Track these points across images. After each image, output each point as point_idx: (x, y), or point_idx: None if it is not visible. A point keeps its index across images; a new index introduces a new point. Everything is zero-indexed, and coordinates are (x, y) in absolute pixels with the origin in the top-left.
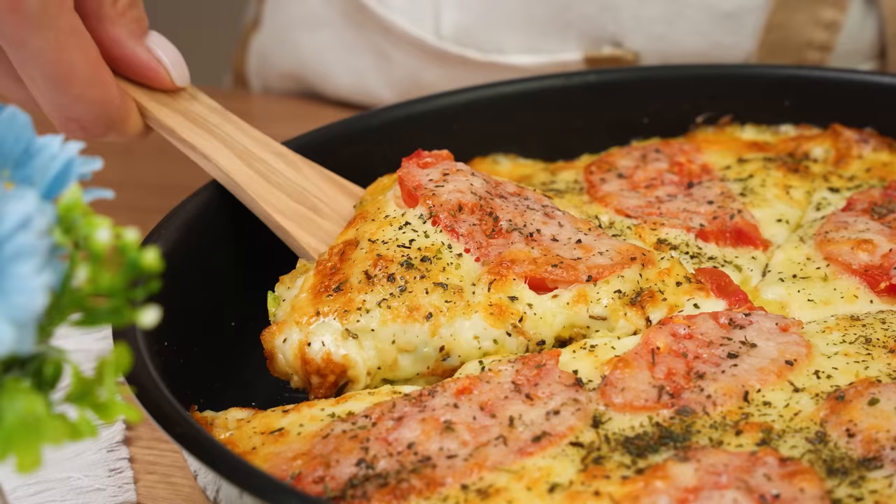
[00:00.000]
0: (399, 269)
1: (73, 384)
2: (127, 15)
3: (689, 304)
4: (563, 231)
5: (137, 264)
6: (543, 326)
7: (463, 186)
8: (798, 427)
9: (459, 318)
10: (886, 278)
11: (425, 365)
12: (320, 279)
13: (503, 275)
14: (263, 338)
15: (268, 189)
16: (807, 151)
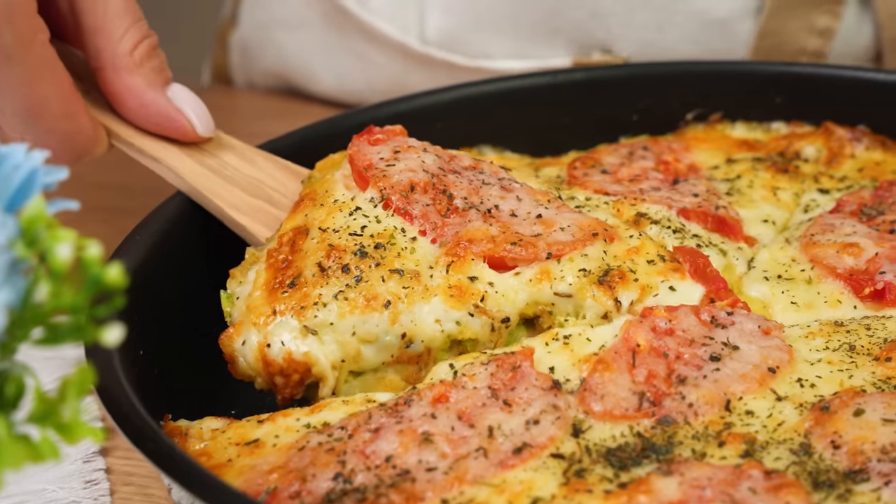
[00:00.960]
0: (353, 259)
1: (35, 404)
2: (145, 65)
3: (664, 286)
4: (522, 205)
5: (100, 280)
6: (506, 304)
7: (414, 164)
8: (782, 438)
9: (419, 304)
10: (871, 284)
11: (389, 353)
12: (273, 273)
13: (461, 256)
14: (222, 342)
15: (221, 185)
16: (798, 150)
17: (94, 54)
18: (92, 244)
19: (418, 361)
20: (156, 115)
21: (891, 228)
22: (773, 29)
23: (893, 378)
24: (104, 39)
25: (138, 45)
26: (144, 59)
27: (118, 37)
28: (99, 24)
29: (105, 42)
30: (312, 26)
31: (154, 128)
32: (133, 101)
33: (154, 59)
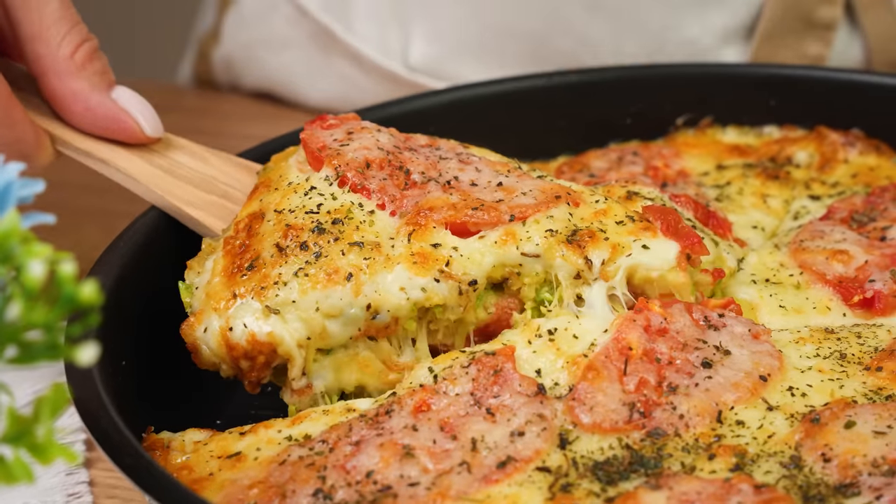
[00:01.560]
0: (311, 236)
1: (8, 424)
2: (88, 68)
3: (637, 245)
4: (482, 175)
5: (74, 298)
6: (472, 266)
7: (369, 143)
8: (772, 451)
9: (382, 273)
10: (860, 291)
11: (356, 327)
12: (231, 259)
13: (422, 224)
14: (183, 332)
15: (173, 183)
16: (790, 156)
17: (35, 61)
18: (66, 262)
19: (387, 333)
20: (102, 117)
21: (881, 236)
22: (764, 57)
23: (885, 388)
24: (43, 46)
25: (78, 49)
26: (86, 62)
27: (57, 42)
28: (36, 31)
29: (44, 48)
30: (297, 47)
31: (101, 131)
32: (78, 105)
33: (96, 63)
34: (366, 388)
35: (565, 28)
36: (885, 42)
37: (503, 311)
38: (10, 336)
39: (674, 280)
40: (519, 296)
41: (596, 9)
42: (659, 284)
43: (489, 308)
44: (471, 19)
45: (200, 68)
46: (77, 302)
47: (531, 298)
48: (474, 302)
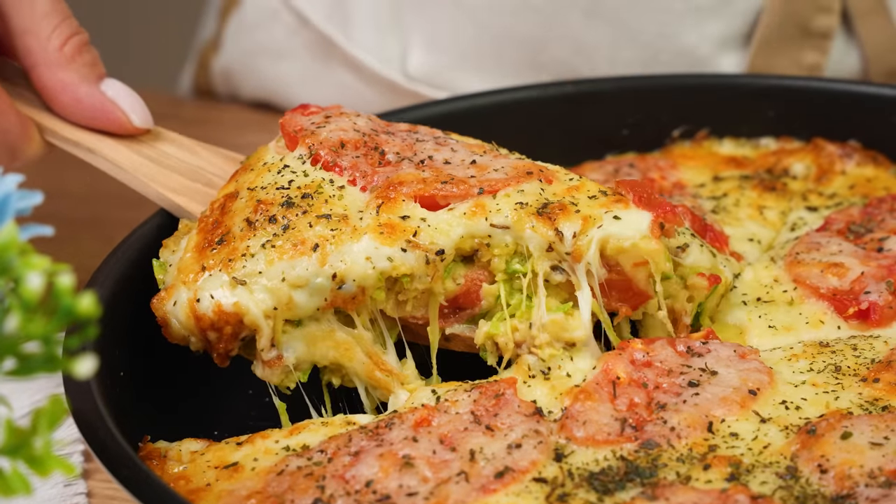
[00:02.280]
0: (279, 210)
1: (6, 436)
2: (77, 60)
3: (608, 216)
4: (457, 155)
5: (73, 310)
6: (440, 236)
7: (346, 125)
8: (768, 461)
9: (348, 243)
10: (855, 303)
11: (322, 297)
12: (203, 236)
13: (391, 197)
14: (153, 306)
15: (158, 171)
16: (787, 167)
17: (26, 54)
18: (64, 272)
19: (356, 304)
20: (90, 108)
21: (878, 247)
22: (761, 66)
23: (881, 399)
24: (34, 39)
25: (68, 41)
26: (76, 54)
27: (47, 34)
28: (27, 24)
29: (35, 41)
30: (297, 56)
31: (89, 122)
32: (66, 95)
33: (86, 55)
34: (348, 374)
35: (562, 36)
36: (881, 51)
37: (472, 283)
38: (8, 348)
39: (646, 247)
40: (489, 268)
41: (593, 16)
42: (632, 254)
43: (458, 279)
44: (469, 27)
45: (200, 78)
46: (75, 314)
47: (502, 270)
48: (442, 272)
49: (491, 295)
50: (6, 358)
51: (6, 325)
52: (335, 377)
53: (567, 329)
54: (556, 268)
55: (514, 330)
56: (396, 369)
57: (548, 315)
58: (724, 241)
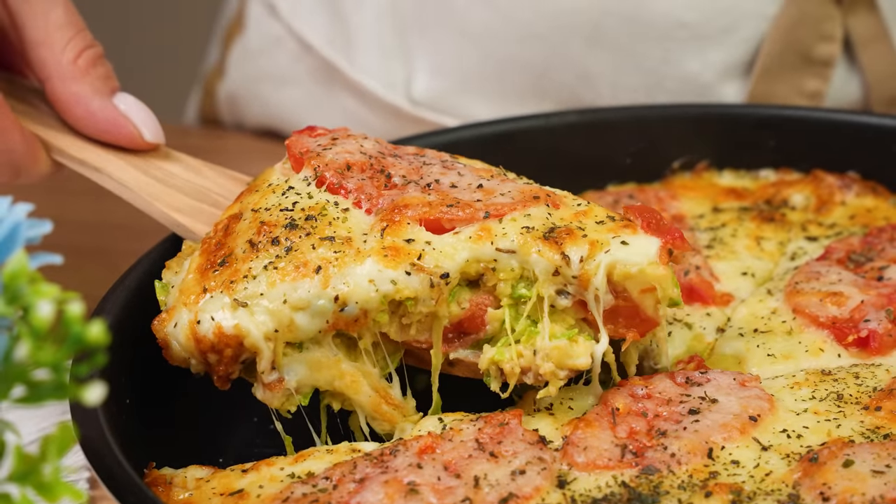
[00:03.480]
0: (283, 232)
1: (15, 463)
2: (91, 73)
3: (616, 241)
4: (464, 179)
5: (82, 338)
6: (445, 260)
7: (352, 147)
8: (770, 489)
9: (351, 266)
10: (855, 331)
11: (324, 319)
12: (206, 258)
13: (396, 220)
14: (154, 328)
15: (163, 190)
16: (786, 198)
17: (40, 66)
18: (74, 300)
19: (358, 327)
20: (103, 121)
21: (878, 276)
22: (762, 92)
23: (883, 428)
24: (48, 51)
25: (82, 54)
26: (89, 67)
27: (61, 47)
28: (41, 36)
29: (49, 53)
30: (301, 82)
31: (101, 135)
32: (79, 108)
33: (99, 68)
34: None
35: (566, 62)
36: (883, 78)
37: (477, 308)
38: (18, 376)
39: (653, 273)
40: (494, 293)
41: (596, 44)
42: (639, 280)
43: (463, 303)
44: (473, 53)
45: (206, 106)
46: (84, 342)
47: (507, 295)
48: (446, 296)
49: (496, 320)
50: (16, 385)
51: (16, 353)
52: (335, 401)
53: (571, 356)
54: (562, 292)
55: (518, 356)
56: (401, 402)
57: (552, 342)
58: (708, 294)
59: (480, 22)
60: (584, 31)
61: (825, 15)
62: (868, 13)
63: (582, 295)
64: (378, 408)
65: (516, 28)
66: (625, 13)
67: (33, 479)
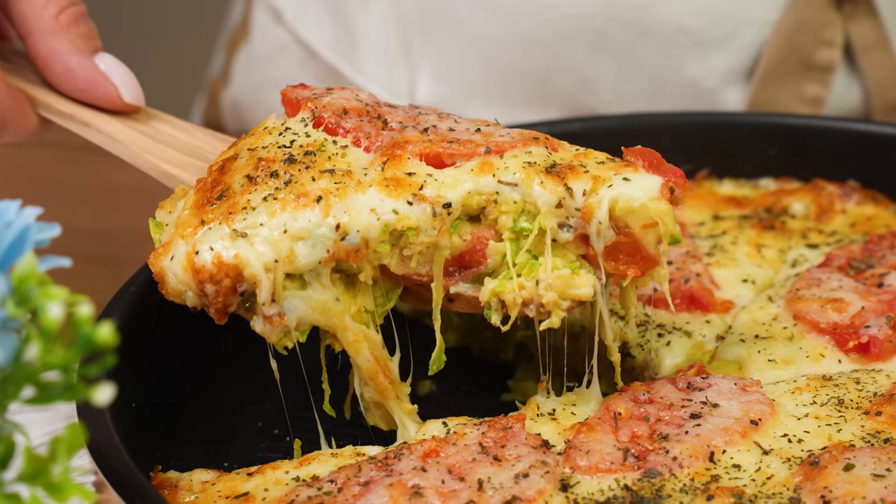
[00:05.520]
0: (281, 166)
1: (25, 463)
2: (72, 30)
3: (618, 178)
4: (460, 125)
5: (91, 339)
6: (447, 190)
7: (348, 95)
8: (771, 492)
9: (352, 195)
10: (855, 337)
11: (324, 249)
12: (202, 195)
13: (397, 155)
14: (150, 262)
15: (153, 145)
16: (786, 206)
17: (21, 21)
18: (83, 302)
19: (359, 258)
20: (81, 79)
21: (879, 282)
22: (763, 98)
23: (883, 432)
24: (29, 6)
25: (64, 11)
26: (71, 24)
27: (43, 2)
28: None
29: (30, 8)
30: None
31: (80, 94)
32: (57, 64)
33: (81, 26)
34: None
35: (568, 68)
36: (883, 85)
37: (479, 241)
38: (28, 377)
39: (655, 208)
40: (496, 227)
41: (598, 50)
42: (641, 215)
43: (464, 236)
44: (476, 60)
45: (210, 113)
46: (94, 343)
47: (509, 228)
48: (448, 226)
49: (497, 253)
50: (26, 386)
51: (26, 354)
52: (336, 343)
53: (574, 286)
54: (564, 226)
55: (520, 288)
56: (397, 380)
57: (554, 272)
58: (706, 304)
59: (484, 29)
60: (587, 37)
61: (826, 21)
62: (869, 19)
63: (584, 229)
64: (375, 376)
65: (519, 35)
66: (627, 20)
67: (43, 479)
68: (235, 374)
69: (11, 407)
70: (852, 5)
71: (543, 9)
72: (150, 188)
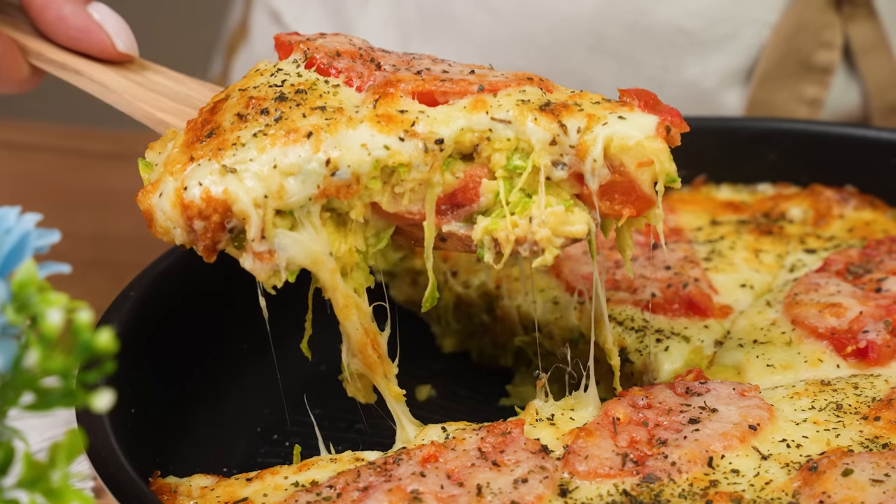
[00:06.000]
0: (272, 104)
1: (24, 469)
2: None
3: (613, 116)
4: (454, 68)
5: (91, 346)
6: (440, 126)
7: (342, 39)
8: (769, 497)
9: (344, 131)
10: (854, 342)
11: (314, 185)
12: (191, 134)
13: (389, 93)
14: (138, 199)
15: (146, 93)
16: (784, 211)
17: None
18: (83, 308)
19: (349, 194)
20: (74, 28)
21: (877, 287)
22: (762, 99)
23: (882, 437)
24: None
25: None
26: None
27: None
28: None
29: None
30: None
31: (73, 42)
32: (51, 12)
33: None
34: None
35: (567, 69)
36: (882, 86)
37: (471, 179)
38: (28, 383)
39: (651, 146)
40: (489, 165)
41: (598, 52)
42: (636, 153)
43: (457, 173)
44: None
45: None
46: (93, 349)
47: (502, 166)
48: (441, 162)
49: (490, 191)
50: (25, 392)
51: (26, 361)
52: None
53: (568, 223)
54: (558, 163)
55: (513, 225)
56: (385, 356)
57: (548, 209)
58: (707, 307)
59: (483, 30)
60: (586, 39)
61: (825, 22)
62: (868, 21)
63: (578, 167)
64: (364, 348)
65: (519, 36)
66: (626, 21)
67: (42, 485)
68: (234, 380)
69: (11, 413)
70: (852, 7)
71: (542, 10)
72: None
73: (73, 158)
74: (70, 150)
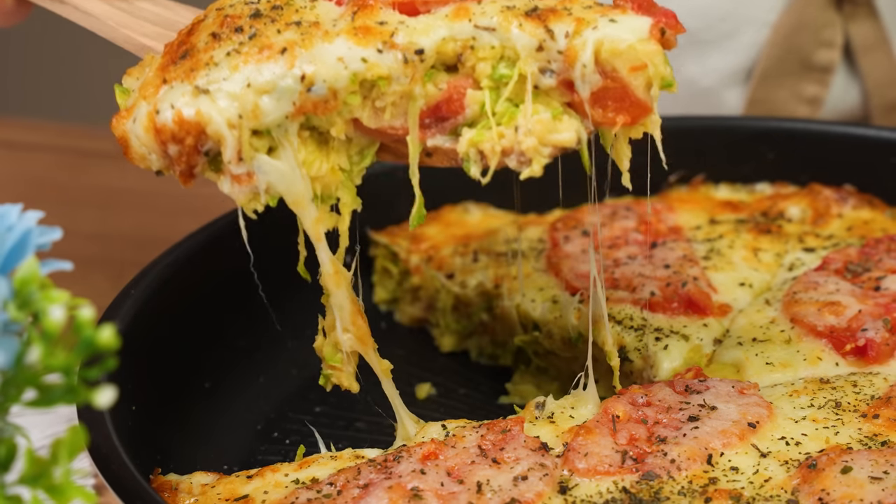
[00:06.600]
0: (247, 21)
1: (27, 465)
2: None
3: (604, 20)
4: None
5: (93, 342)
6: (420, 36)
7: None
8: (768, 495)
9: (319, 45)
10: (852, 340)
11: (290, 102)
12: (167, 57)
13: (368, 5)
14: (112, 126)
15: (131, 20)
16: (782, 210)
17: None
18: (85, 306)
19: (327, 110)
20: None
21: (876, 286)
22: (762, 97)
23: (881, 435)
24: None
25: None
26: None
27: None
28: None
29: None
30: None
31: None
32: None
33: None
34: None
35: None
36: (882, 86)
37: (455, 90)
38: (30, 380)
39: (644, 49)
40: (474, 75)
41: None
42: (629, 57)
43: (440, 85)
44: None
45: None
46: (95, 346)
47: (487, 76)
48: (422, 74)
49: (475, 102)
50: (27, 389)
51: (28, 357)
52: None
53: (555, 131)
54: (546, 70)
55: (500, 136)
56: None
57: (535, 116)
58: (706, 305)
59: None
60: None
61: (825, 21)
62: (868, 20)
63: (568, 73)
64: (355, 319)
65: None
66: None
67: (44, 481)
68: (235, 377)
69: (13, 409)
70: (852, 6)
71: None
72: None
73: (74, 157)
74: (71, 149)
